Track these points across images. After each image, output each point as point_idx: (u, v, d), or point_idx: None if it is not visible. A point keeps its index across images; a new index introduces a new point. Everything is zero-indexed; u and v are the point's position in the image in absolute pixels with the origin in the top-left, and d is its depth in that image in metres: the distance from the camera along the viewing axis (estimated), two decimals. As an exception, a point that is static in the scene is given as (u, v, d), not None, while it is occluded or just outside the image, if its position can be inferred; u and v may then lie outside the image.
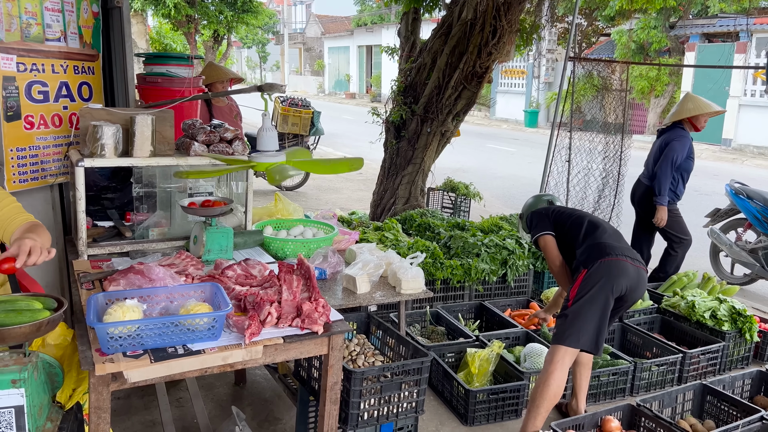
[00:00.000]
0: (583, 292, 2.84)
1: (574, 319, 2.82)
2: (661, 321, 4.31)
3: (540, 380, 2.86)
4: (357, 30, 34.25)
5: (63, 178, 3.28)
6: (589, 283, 2.85)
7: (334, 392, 2.25)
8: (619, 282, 2.85)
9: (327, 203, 8.80)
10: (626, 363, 3.58)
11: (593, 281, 2.84)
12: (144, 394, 3.31)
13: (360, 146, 13.86)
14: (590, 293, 2.82)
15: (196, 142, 2.92)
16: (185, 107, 3.95)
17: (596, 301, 2.82)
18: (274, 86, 2.56)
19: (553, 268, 3.19)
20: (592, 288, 2.83)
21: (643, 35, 17.72)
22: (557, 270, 3.17)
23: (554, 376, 2.81)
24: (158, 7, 16.69)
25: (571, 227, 3.15)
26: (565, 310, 2.90)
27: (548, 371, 2.83)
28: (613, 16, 17.27)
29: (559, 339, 2.85)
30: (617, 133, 6.14)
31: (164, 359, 1.87)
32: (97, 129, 2.73)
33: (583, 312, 2.82)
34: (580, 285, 2.87)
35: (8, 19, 2.85)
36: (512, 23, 5.36)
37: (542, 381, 2.84)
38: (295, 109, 9.37)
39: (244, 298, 2.22)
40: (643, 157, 5.46)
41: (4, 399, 1.63)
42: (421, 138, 5.84)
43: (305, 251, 3.14)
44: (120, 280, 2.25)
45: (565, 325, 2.84)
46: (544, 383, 2.82)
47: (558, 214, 3.26)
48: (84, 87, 3.42)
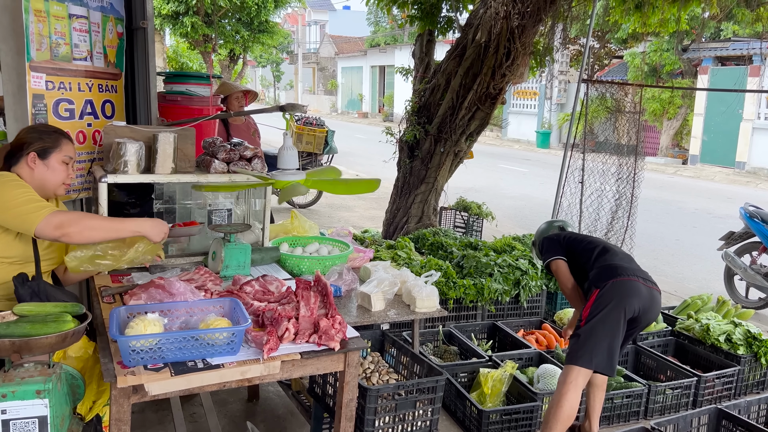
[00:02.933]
0: (596, 312, 2.84)
1: (587, 339, 2.82)
2: (675, 344, 4.28)
3: (553, 401, 2.85)
4: (370, 50, 34.63)
5: (85, 193, 3.35)
6: (601, 303, 2.85)
7: (349, 409, 2.26)
8: (631, 302, 2.85)
9: (339, 221, 8.85)
10: (640, 385, 3.56)
11: (605, 301, 2.85)
12: (158, 408, 3.34)
13: (372, 165, 13.95)
14: (602, 313, 2.83)
15: (216, 160, 2.98)
16: (203, 125, 4.03)
17: (608, 321, 2.82)
18: (296, 106, 2.61)
19: (565, 291, 3.22)
20: (604, 308, 2.83)
21: (656, 58, 17.78)
22: (570, 293, 3.19)
23: (567, 397, 2.80)
24: (176, 26, 17.01)
25: (583, 251, 3.18)
26: (577, 330, 2.90)
27: (561, 392, 2.82)
28: (625, 38, 17.38)
29: (572, 359, 2.85)
30: (630, 154, 6.15)
31: (184, 373, 1.90)
32: (120, 146, 2.79)
33: (596, 332, 2.82)
34: (593, 305, 2.87)
35: (39, 38, 2.95)
36: (526, 45, 5.43)
37: (555, 402, 2.83)
38: (309, 128, 9.48)
39: (262, 314, 2.26)
40: (655, 180, 5.46)
41: (28, 409, 1.67)
42: (434, 157, 5.89)
43: (321, 268, 3.17)
44: (141, 294, 2.29)
45: (578, 346, 2.84)
46: (557, 404, 2.82)
47: (570, 239, 3.29)
48: (107, 105, 3.50)
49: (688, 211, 11.30)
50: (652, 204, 10.25)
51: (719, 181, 15.58)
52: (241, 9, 17.11)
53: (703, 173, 16.55)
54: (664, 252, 8.15)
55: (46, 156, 2.41)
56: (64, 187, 2.51)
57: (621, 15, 6.12)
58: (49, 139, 2.43)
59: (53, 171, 2.44)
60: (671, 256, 8.01)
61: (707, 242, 7.92)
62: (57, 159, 2.44)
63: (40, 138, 2.42)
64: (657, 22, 6.07)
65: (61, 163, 2.45)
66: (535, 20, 5.30)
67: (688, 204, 11.92)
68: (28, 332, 1.74)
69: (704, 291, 5.37)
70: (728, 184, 15.11)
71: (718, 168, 16.69)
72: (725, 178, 15.79)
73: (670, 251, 8.26)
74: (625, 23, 6.59)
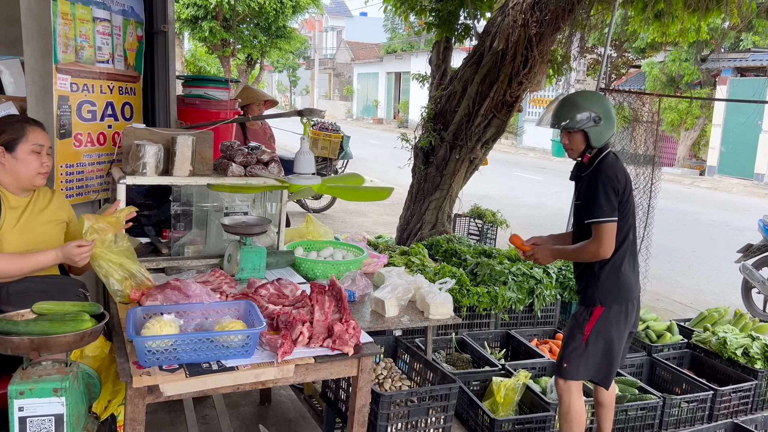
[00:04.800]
0: (598, 332, 2.82)
1: (589, 356, 2.82)
2: (691, 356, 4.23)
3: (563, 415, 2.88)
4: (386, 57, 34.73)
5: (104, 194, 3.39)
6: (605, 324, 2.82)
7: (362, 414, 2.26)
8: (631, 322, 2.90)
9: (353, 226, 8.86)
10: (655, 398, 3.52)
11: (610, 324, 2.82)
12: (171, 409, 3.35)
13: (387, 171, 13.96)
14: (605, 335, 2.82)
15: (233, 163, 3.00)
16: (221, 129, 4.06)
17: (611, 341, 2.83)
18: (314, 111, 2.63)
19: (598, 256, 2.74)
20: (608, 330, 2.82)
21: (674, 68, 17.65)
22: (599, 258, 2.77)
23: (574, 406, 2.84)
24: (195, 30, 17.19)
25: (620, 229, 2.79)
26: (578, 344, 2.86)
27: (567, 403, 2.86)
28: (643, 48, 17.27)
29: (571, 374, 2.84)
30: (647, 164, 6.10)
31: (199, 374, 1.91)
32: (139, 148, 2.82)
33: (597, 350, 2.83)
34: (596, 324, 2.82)
35: (65, 41, 2.99)
36: (544, 53, 5.42)
37: (565, 415, 2.87)
38: (324, 133, 9.51)
39: (277, 317, 2.26)
40: (672, 190, 5.42)
41: (45, 407, 1.68)
42: (449, 164, 5.89)
43: (335, 273, 3.17)
44: (157, 295, 2.31)
45: (580, 361, 2.83)
46: (568, 416, 2.85)
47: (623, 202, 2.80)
48: (126, 107, 3.55)
49: (705, 222, 11.17)
50: (668, 215, 10.15)
51: (737, 192, 15.40)
52: (259, 14, 17.26)
53: (720, 184, 16.36)
54: (680, 263, 8.07)
55: (12, 148, 2.31)
56: (41, 176, 2.39)
57: (640, 24, 6.08)
58: (12, 130, 2.32)
59: (23, 163, 2.32)
60: (688, 268, 7.92)
61: (724, 254, 7.81)
62: (25, 149, 2.32)
63: (3, 131, 2.32)
64: (676, 32, 6.03)
65: (31, 153, 2.33)
66: (553, 28, 5.29)
67: (706, 215, 11.78)
68: (47, 330, 1.76)
69: (721, 304, 5.30)
70: (746, 195, 14.93)
71: (736, 179, 16.49)
72: (743, 189, 15.60)
73: (686, 263, 8.17)
74: (644, 33, 6.55)
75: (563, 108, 2.82)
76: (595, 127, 2.77)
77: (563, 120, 2.80)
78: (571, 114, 2.78)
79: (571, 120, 2.77)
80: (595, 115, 2.76)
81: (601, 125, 2.77)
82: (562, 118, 2.81)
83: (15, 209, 2.37)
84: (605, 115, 2.78)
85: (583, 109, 2.76)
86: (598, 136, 2.80)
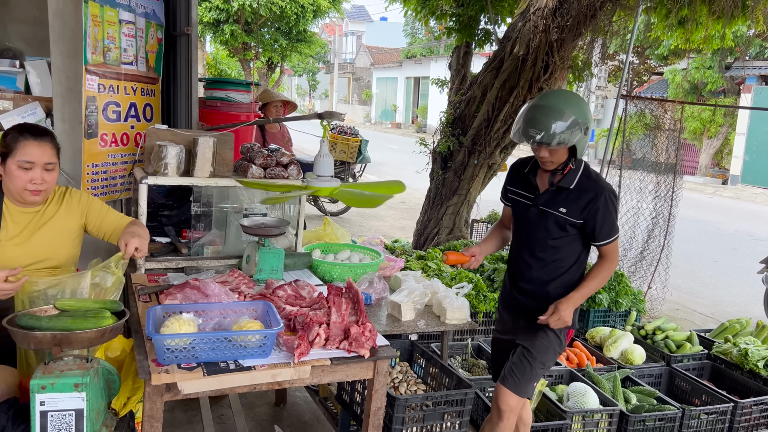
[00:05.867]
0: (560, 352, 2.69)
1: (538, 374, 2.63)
2: (712, 368, 4.16)
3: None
4: (405, 62, 34.78)
5: (126, 194, 3.44)
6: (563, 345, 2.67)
7: (377, 417, 2.26)
8: None
9: (370, 230, 8.87)
10: (674, 409, 3.47)
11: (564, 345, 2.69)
12: (188, 408, 3.38)
13: (404, 175, 13.96)
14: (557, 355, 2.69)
15: (254, 165, 3.03)
16: (242, 131, 4.10)
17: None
18: (334, 114, 2.65)
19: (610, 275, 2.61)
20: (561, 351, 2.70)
21: (697, 75, 17.44)
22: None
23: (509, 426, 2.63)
24: (216, 33, 17.37)
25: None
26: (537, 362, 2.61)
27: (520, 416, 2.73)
28: (666, 55, 17.09)
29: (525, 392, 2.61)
30: (668, 173, 6.04)
31: (216, 373, 1.93)
32: (161, 148, 2.86)
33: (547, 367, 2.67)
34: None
35: (94, 42, 3.05)
36: (565, 59, 5.39)
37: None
38: (343, 137, 9.55)
39: (294, 318, 2.27)
40: (694, 199, 5.36)
41: (66, 401, 1.71)
42: (467, 169, 5.87)
43: (352, 276, 3.18)
44: (177, 294, 2.33)
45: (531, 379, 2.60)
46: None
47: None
48: (147, 108, 3.60)
49: (728, 232, 11.01)
50: (689, 224, 10.02)
51: (761, 202, 15.14)
52: (280, 18, 17.39)
53: (743, 194, 16.11)
54: (701, 273, 7.95)
55: (4, 160, 2.24)
56: (30, 194, 2.26)
57: (663, 31, 6.02)
58: (4, 142, 2.24)
59: (10, 177, 2.24)
60: (709, 278, 7.81)
61: (747, 265, 7.69)
62: (12, 164, 2.22)
63: (2, 140, 2.25)
64: (701, 39, 5.96)
65: (18, 169, 2.22)
66: (575, 34, 5.26)
67: (728, 225, 11.61)
68: (69, 326, 1.79)
69: (743, 315, 5.22)
70: (770, 205, 14.70)
71: (759, 189, 16.22)
72: (767, 199, 15.35)
73: (707, 273, 8.05)
74: (667, 39, 6.49)
75: (547, 117, 2.33)
76: (583, 138, 2.39)
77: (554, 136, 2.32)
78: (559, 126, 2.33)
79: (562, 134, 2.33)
80: (583, 124, 2.37)
81: (586, 134, 2.41)
82: (550, 132, 2.32)
83: (17, 221, 2.31)
84: (589, 120, 2.41)
85: (570, 118, 2.33)
86: (583, 146, 2.45)
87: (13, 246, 2.29)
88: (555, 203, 2.53)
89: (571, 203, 2.50)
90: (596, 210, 2.47)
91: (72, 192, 2.49)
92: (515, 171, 2.72)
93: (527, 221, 2.62)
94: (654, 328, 4.47)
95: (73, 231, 2.44)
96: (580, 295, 2.54)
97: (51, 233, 2.37)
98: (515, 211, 2.69)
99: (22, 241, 2.31)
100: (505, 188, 2.75)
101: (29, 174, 2.23)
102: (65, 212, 2.42)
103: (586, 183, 2.50)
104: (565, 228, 2.52)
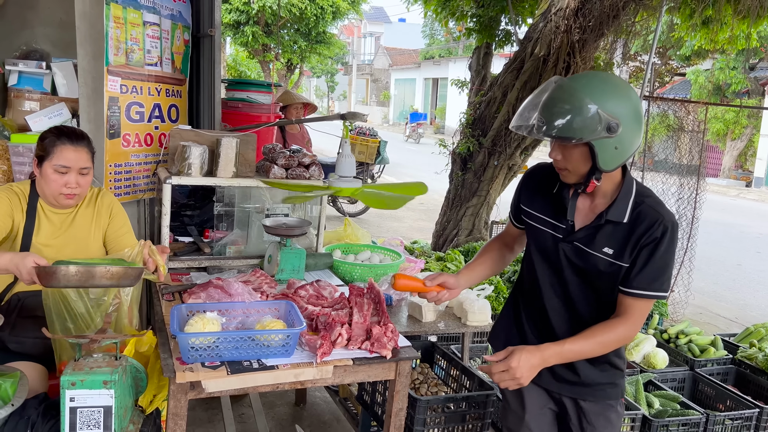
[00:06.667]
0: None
1: None
2: (736, 373, 4.09)
3: None
4: (424, 63, 34.76)
5: (150, 194, 3.48)
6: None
7: (399, 418, 2.26)
8: None
9: (388, 231, 8.88)
10: (698, 414, 3.41)
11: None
12: (209, 407, 3.41)
13: (422, 176, 13.92)
14: None
15: (275, 166, 3.05)
16: (263, 132, 4.13)
17: None
18: (357, 115, 2.65)
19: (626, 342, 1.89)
20: None
21: (721, 76, 17.20)
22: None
23: None
24: (237, 35, 17.51)
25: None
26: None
27: None
28: (689, 55, 16.88)
29: None
30: (691, 174, 5.96)
31: (240, 372, 1.94)
32: (185, 149, 2.89)
33: None
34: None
35: (116, 44, 3.09)
36: (586, 60, 5.34)
37: None
38: (362, 138, 9.57)
39: (316, 318, 2.28)
40: (717, 202, 5.29)
41: (95, 398, 1.73)
42: (487, 170, 5.85)
43: (372, 276, 3.18)
44: (200, 293, 2.36)
45: None
46: None
47: None
48: (173, 109, 3.64)
49: (752, 235, 10.83)
50: (712, 226, 9.87)
51: (785, 205, 14.90)
52: (300, 20, 17.48)
53: (768, 196, 15.86)
54: (724, 277, 7.84)
55: (41, 163, 2.28)
56: (65, 197, 2.30)
57: (687, 31, 5.95)
58: (41, 145, 2.28)
59: (46, 180, 2.28)
60: (733, 282, 7.69)
61: (772, 268, 7.57)
62: (49, 167, 2.26)
63: (39, 143, 2.29)
64: (725, 39, 5.87)
65: (54, 173, 2.26)
66: (597, 35, 5.21)
67: (752, 228, 11.42)
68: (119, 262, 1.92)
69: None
70: (795, 208, 14.43)
71: (784, 191, 15.97)
72: (792, 202, 15.09)
73: (731, 276, 7.93)
74: (691, 40, 6.40)
75: (555, 100, 1.65)
76: (607, 140, 1.64)
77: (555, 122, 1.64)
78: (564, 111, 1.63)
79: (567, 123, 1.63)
80: (608, 119, 1.61)
81: (619, 135, 1.63)
82: (553, 120, 1.64)
83: (52, 221, 2.36)
84: (630, 116, 1.65)
85: (586, 104, 1.61)
86: (612, 156, 1.67)
87: (46, 246, 2.34)
88: (597, 240, 1.81)
89: (619, 241, 1.78)
90: (650, 244, 1.73)
91: (104, 193, 2.55)
92: (533, 182, 1.99)
93: (553, 260, 1.91)
94: (677, 331, 4.41)
95: (101, 231, 2.50)
96: (562, 352, 1.77)
97: (82, 233, 2.43)
98: (535, 241, 1.97)
99: (55, 240, 2.36)
100: (516, 205, 2.04)
101: (65, 178, 2.27)
102: (96, 213, 2.48)
103: (644, 212, 1.77)
104: (614, 272, 1.79)
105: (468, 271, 2.15)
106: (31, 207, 2.33)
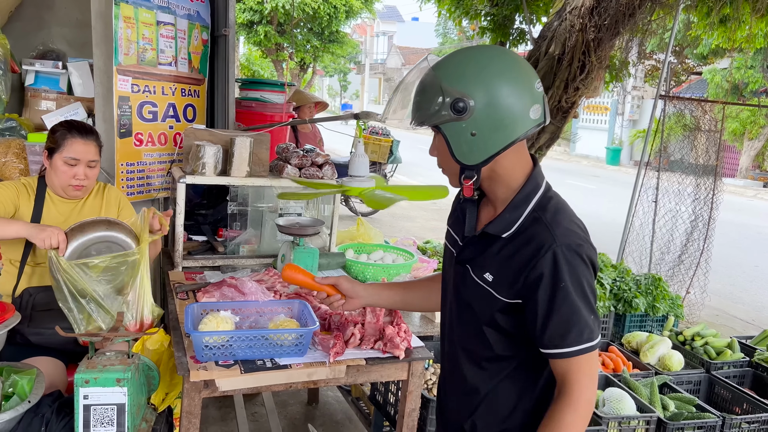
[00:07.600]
0: None
1: None
2: (753, 375, 4.04)
3: None
4: (437, 62, 34.65)
5: (164, 193, 3.50)
6: None
7: (411, 419, 2.25)
8: None
9: (400, 231, 8.87)
10: (714, 417, 3.37)
11: None
12: (221, 405, 3.42)
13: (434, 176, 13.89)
14: None
15: (289, 165, 3.05)
16: (276, 131, 4.13)
17: None
18: (371, 114, 2.65)
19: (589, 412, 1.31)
20: None
21: (738, 75, 16.99)
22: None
23: None
24: (250, 34, 17.59)
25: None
26: None
27: None
28: (705, 54, 16.70)
29: None
30: (708, 175, 5.89)
31: (253, 371, 1.94)
32: (199, 148, 2.90)
33: None
34: None
35: (127, 44, 3.11)
36: (602, 59, 5.30)
37: None
38: (375, 137, 9.56)
39: (329, 317, 2.28)
40: (734, 202, 5.23)
41: (108, 396, 1.74)
42: (500, 170, 5.82)
43: (385, 276, 3.18)
44: (214, 292, 2.36)
45: None
46: None
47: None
48: (189, 109, 3.65)
49: (769, 236, 10.70)
50: (729, 227, 9.75)
51: (803, 206, 14.69)
52: (313, 19, 17.52)
53: (786, 197, 15.65)
54: (741, 278, 7.74)
55: (51, 155, 2.35)
56: (73, 188, 2.39)
57: (704, 30, 5.88)
58: (54, 137, 2.35)
59: (56, 171, 2.35)
60: (749, 283, 7.59)
61: (790, 270, 7.47)
62: (59, 159, 2.33)
63: (50, 136, 2.37)
64: (743, 38, 5.80)
65: (64, 164, 2.34)
66: (613, 33, 5.17)
67: (769, 229, 11.28)
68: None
69: (786, 322, 5.06)
70: (814, 209, 14.21)
71: (802, 192, 15.74)
72: (810, 203, 14.88)
73: (748, 278, 7.83)
74: (708, 38, 6.33)
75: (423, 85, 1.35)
76: (457, 123, 1.29)
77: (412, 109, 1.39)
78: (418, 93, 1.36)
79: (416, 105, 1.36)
80: (456, 95, 1.26)
81: (474, 117, 1.27)
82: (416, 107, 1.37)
83: (60, 211, 2.43)
84: (494, 94, 1.26)
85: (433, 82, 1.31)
86: (470, 145, 1.31)
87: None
88: (480, 261, 1.40)
89: (501, 265, 1.35)
90: (538, 281, 1.28)
91: (109, 188, 2.63)
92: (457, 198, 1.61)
93: (448, 286, 1.54)
94: (693, 334, 4.36)
95: None
96: None
97: None
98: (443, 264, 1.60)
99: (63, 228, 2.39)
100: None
101: (74, 170, 2.36)
102: (105, 204, 2.56)
103: (530, 228, 1.33)
104: (497, 311, 1.36)
105: (384, 288, 1.83)
106: (39, 197, 2.40)
